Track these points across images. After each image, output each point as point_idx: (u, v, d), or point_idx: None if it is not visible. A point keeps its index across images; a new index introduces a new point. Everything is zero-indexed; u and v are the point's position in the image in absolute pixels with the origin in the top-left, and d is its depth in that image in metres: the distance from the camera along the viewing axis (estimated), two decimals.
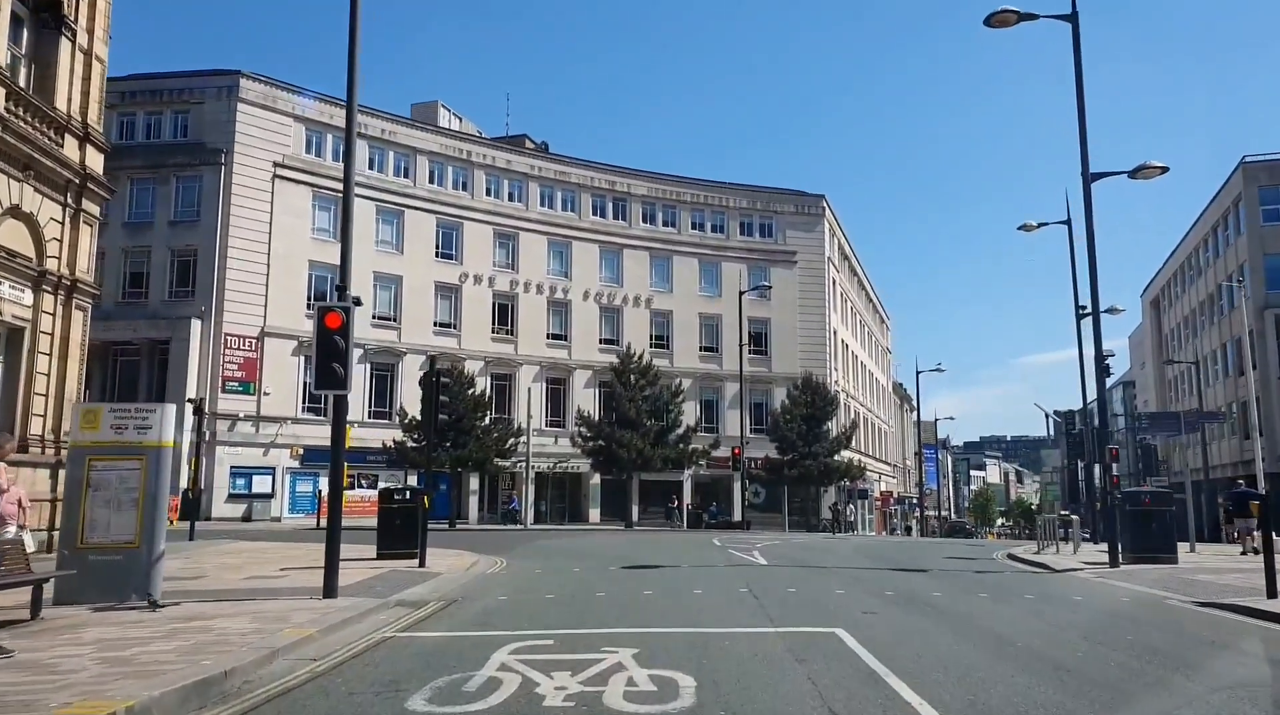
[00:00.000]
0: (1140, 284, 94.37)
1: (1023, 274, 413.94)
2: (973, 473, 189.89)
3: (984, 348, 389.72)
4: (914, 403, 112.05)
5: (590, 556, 20.52)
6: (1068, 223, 31.19)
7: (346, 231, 13.29)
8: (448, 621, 10.42)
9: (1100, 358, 18.20)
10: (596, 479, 50.75)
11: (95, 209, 21.65)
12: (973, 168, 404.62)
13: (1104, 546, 24.04)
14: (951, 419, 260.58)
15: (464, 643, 8.95)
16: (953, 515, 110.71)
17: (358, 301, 13.01)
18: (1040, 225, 31.11)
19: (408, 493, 19.06)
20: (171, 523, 38.72)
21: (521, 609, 11.40)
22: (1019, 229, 31.40)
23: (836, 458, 49.44)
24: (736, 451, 45.25)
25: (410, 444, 38.92)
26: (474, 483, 48.69)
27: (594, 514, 52.09)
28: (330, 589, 12.06)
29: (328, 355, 12.23)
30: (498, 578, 15.95)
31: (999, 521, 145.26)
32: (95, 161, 21.33)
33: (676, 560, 19.12)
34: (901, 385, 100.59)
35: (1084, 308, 32.10)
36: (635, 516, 49.54)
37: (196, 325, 42.61)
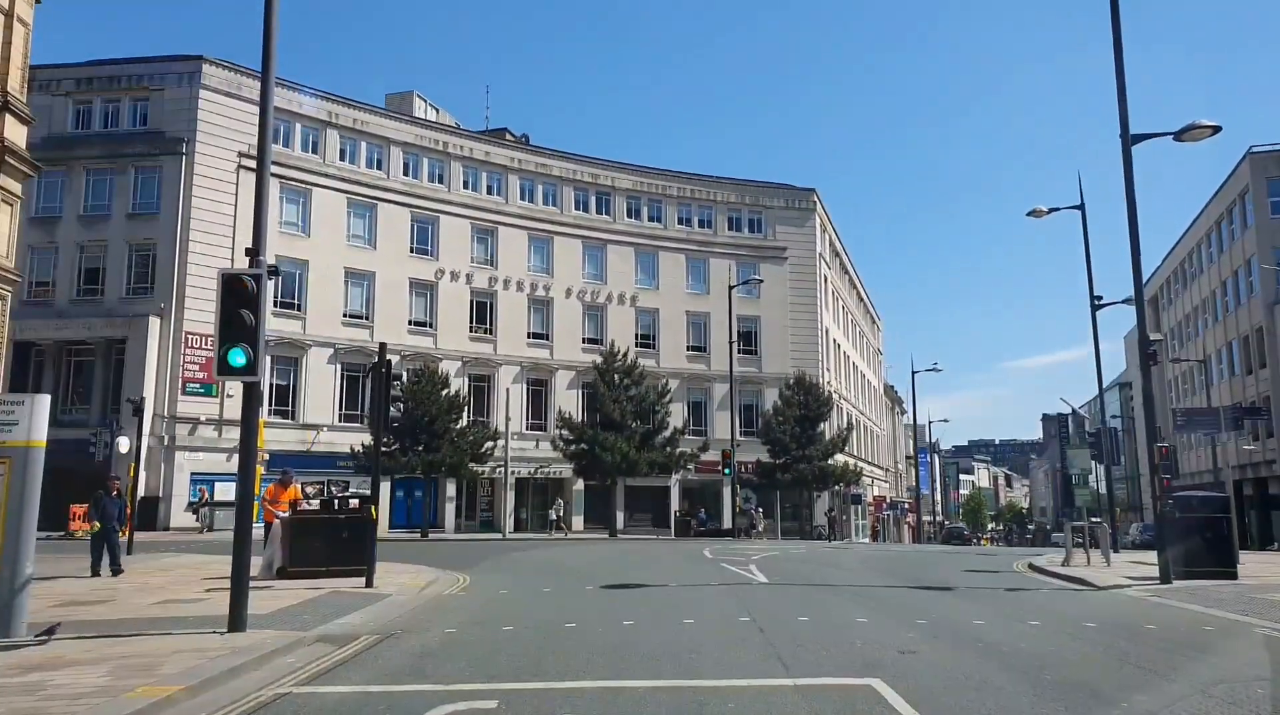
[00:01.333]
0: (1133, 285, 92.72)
1: (1009, 277, 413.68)
2: (961, 477, 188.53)
3: (970, 351, 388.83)
4: (905, 406, 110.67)
5: (566, 572, 18.27)
6: (1080, 207, 29.19)
7: (262, 183, 11.05)
8: (370, 668, 8.16)
9: (1145, 341, 16.06)
10: (580, 485, 48.49)
11: (15, 187, 19.33)
12: (961, 167, 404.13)
13: (1136, 557, 21.97)
14: (945, 422, 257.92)
15: (377, 705, 6.71)
16: (942, 520, 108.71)
17: (274, 270, 10.76)
18: (1052, 210, 29.04)
19: (354, 501, 16.71)
20: (123, 530, 36.52)
21: (469, 648, 9.16)
22: (1028, 215, 29.26)
23: (831, 461, 47.26)
24: (726, 454, 43.00)
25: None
26: (450, 489, 46.42)
27: (577, 521, 49.79)
28: (237, 620, 9.81)
29: (232, 332, 9.98)
30: (454, 601, 13.69)
31: (989, 526, 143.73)
32: (16, 134, 18.93)
33: (664, 577, 16.89)
34: (893, 387, 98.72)
35: (1099, 297, 30.24)
36: (621, 524, 47.32)
37: (155, 324, 40.22)
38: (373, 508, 15.23)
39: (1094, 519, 23.41)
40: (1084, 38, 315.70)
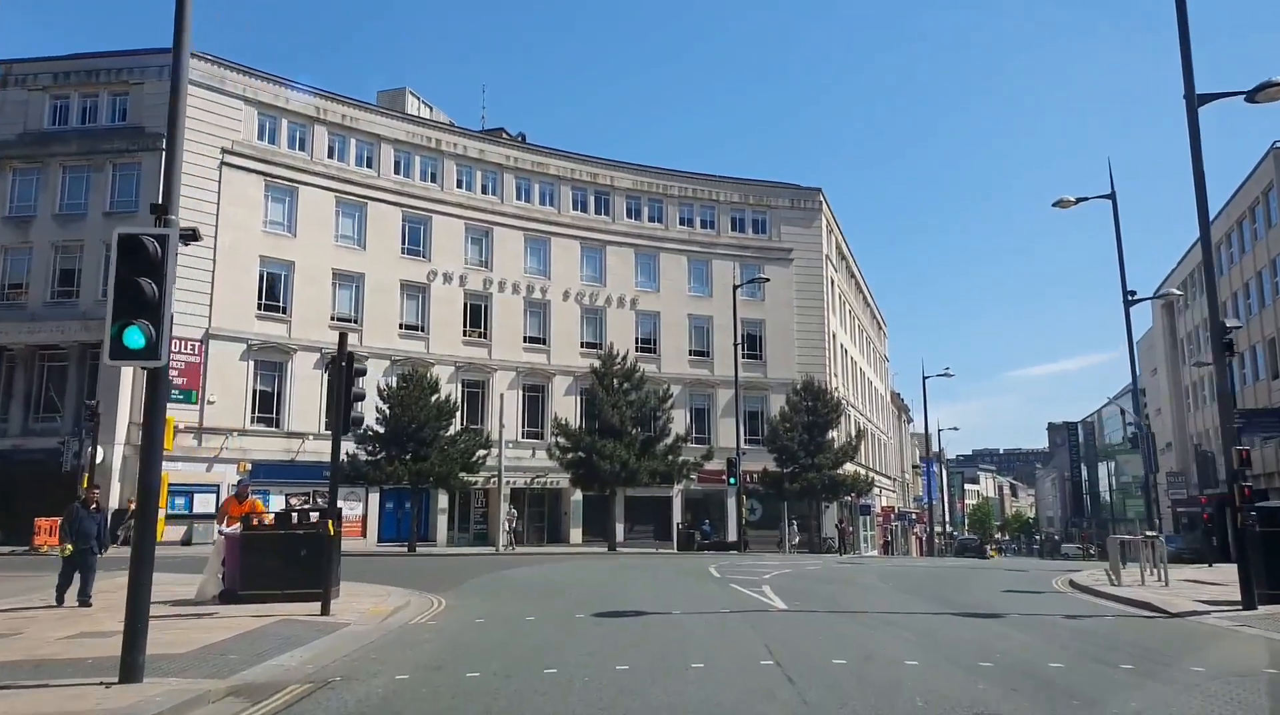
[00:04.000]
0: (1148, 287, 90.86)
1: (1013, 286, 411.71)
2: (966, 486, 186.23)
3: (972, 361, 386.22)
4: (911, 414, 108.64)
5: (556, 594, 16.25)
6: (1111, 196, 27.29)
7: (175, 120, 9.13)
8: None
9: (1220, 329, 14.08)
10: (578, 495, 46.47)
11: None
12: (963, 169, 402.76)
13: (1187, 574, 19.92)
14: (955, 430, 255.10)
15: None
16: (952, 531, 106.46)
17: (190, 234, 8.82)
18: (1080, 200, 27.18)
19: (314, 514, 14.72)
20: (103, 552, 34.48)
21: (418, 705, 7.16)
22: (1054, 205, 27.33)
23: (842, 470, 45.15)
24: (732, 462, 40.93)
25: (364, 457, 34.56)
26: (443, 500, 44.40)
27: (575, 534, 47.78)
28: (129, 668, 7.82)
29: (129, 305, 8.04)
30: (419, 634, 11.68)
31: (994, 536, 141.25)
32: None
33: (667, 601, 14.89)
34: (899, 395, 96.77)
35: (1133, 293, 28.35)
36: (621, 536, 45.23)
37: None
38: (330, 522, 13.19)
39: (1149, 532, 21.22)
40: (1093, 20, 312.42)
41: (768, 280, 46.96)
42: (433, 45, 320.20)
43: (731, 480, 40.86)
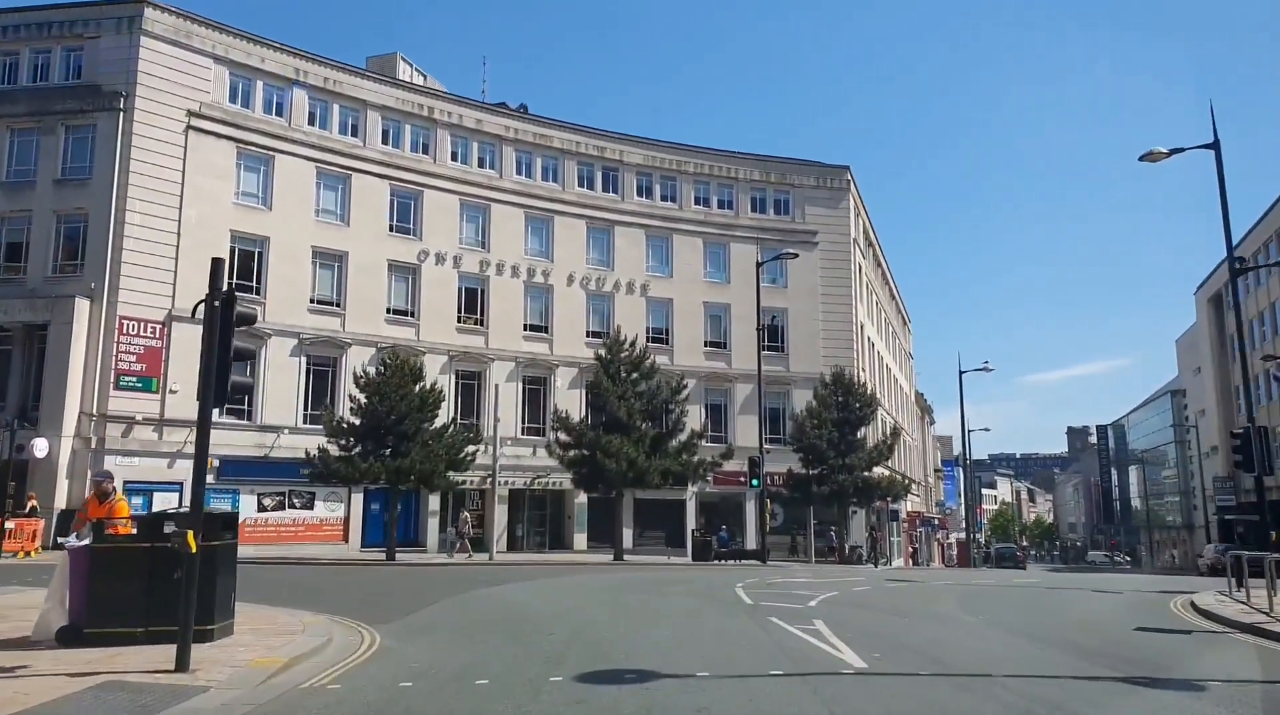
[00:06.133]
0: (1191, 281, 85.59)
1: (1028, 290, 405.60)
2: (983, 491, 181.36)
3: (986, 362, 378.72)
4: (933, 415, 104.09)
5: (535, 632, 11.97)
6: (1214, 145, 22.85)
7: None
8: None
9: None
10: (582, 498, 42.23)
11: None
12: (965, 172, 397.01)
13: None
14: (987, 430, 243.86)
15: None
16: (987, 537, 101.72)
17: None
18: (1174, 151, 22.77)
19: (168, 524, 10.46)
20: (30, 554, 30.38)
21: None
22: (1142, 159, 23.03)
23: (875, 472, 40.62)
24: (754, 462, 36.54)
25: (336, 452, 30.37)
26: (434, 502, 40.26)
27: (579, 539, 43.56)
28: None
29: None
30: (300, 710, 7.43)
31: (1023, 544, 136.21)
32: None
33: (684, 649, 10.61)
34: (923, 395, 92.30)
35: (1241, 260, 23.98)
36: (629, 542, 40.86)
37: (84, 306, 34.28)
38: (190, 535, 8.90)
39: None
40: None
41: (795, 256, 42.25)
42: (427, 10, 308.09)
43: (754, 481, 36.41)
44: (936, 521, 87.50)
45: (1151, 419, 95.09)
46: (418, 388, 31.30)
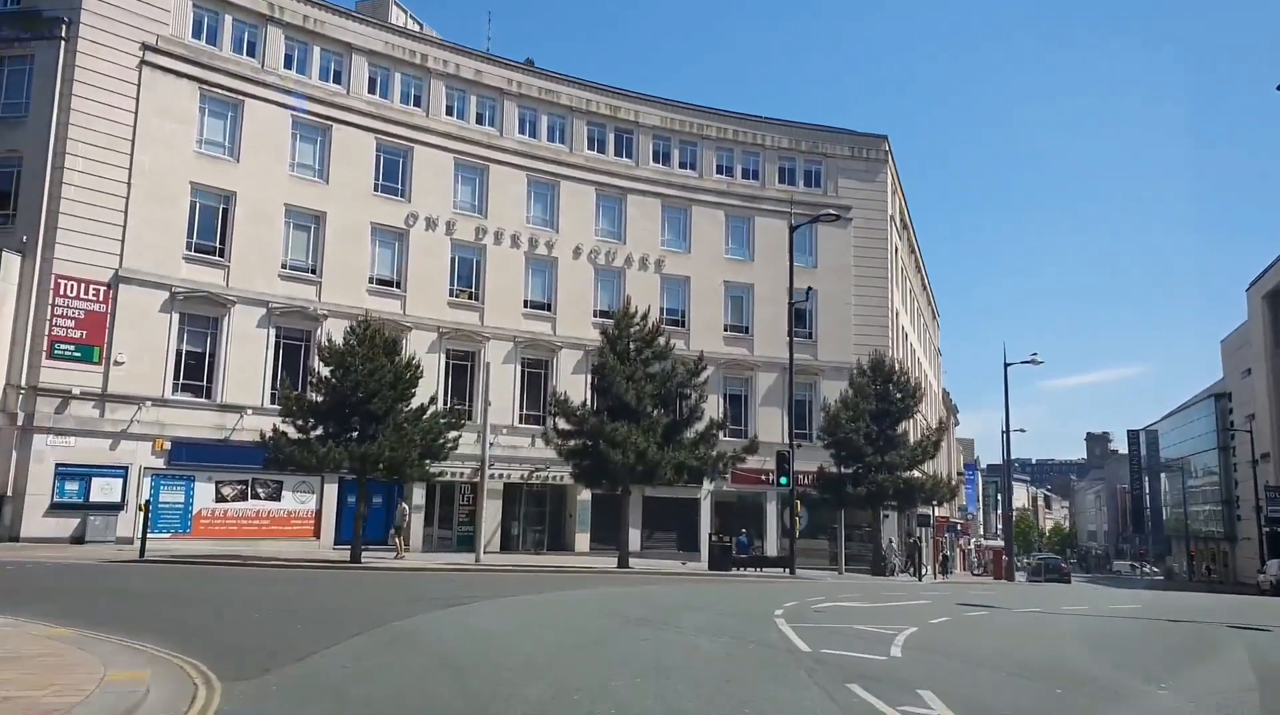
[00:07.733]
0: (1243, 278, 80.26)
1: (1046, 295, 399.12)
2: (1000, 496, 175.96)
3: (999, 367, 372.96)
4: (958, 416, 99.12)
5: (479, 689, 7.23)
6: None
7: None
8: None
9: None
10: (586, 494, 37.54)
11: None
12: (973, 172, 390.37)
13: None
14: (1023, 431, 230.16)
15: None
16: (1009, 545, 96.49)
17: None
18: None
19: None
20: None
21: None
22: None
23: (918, 472, 35.70)
24: (782, 457, 31.69)
25: (292, 434, 25.63)
26: (419, 495, 35.66)
27: (582, 540, 38.95)
28: None
29: None
30: None
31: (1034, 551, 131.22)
32: None
33: None
34: (948, 393, 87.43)
35: None
36: (636, 544, 36.07)
37: (13, 262, 29.82)
38: None
39: None
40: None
41: (835, 217, 37.12)
42: None
43: (783, 479, 31.42)
44: (960, 527, 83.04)
45: (1190, 424, 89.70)
46: (391, 362, 26.51)
